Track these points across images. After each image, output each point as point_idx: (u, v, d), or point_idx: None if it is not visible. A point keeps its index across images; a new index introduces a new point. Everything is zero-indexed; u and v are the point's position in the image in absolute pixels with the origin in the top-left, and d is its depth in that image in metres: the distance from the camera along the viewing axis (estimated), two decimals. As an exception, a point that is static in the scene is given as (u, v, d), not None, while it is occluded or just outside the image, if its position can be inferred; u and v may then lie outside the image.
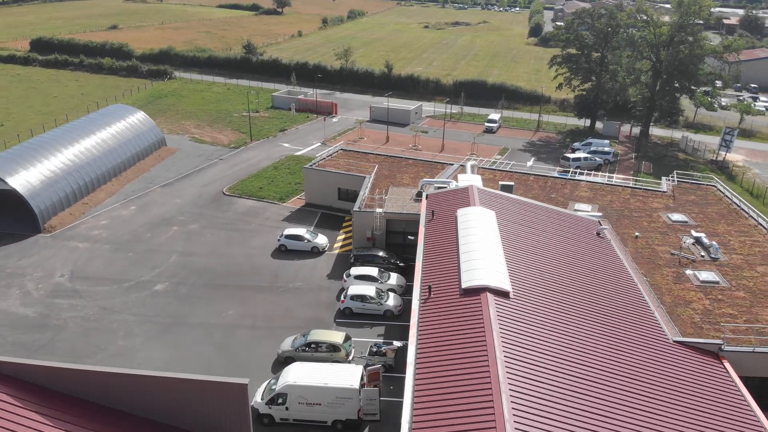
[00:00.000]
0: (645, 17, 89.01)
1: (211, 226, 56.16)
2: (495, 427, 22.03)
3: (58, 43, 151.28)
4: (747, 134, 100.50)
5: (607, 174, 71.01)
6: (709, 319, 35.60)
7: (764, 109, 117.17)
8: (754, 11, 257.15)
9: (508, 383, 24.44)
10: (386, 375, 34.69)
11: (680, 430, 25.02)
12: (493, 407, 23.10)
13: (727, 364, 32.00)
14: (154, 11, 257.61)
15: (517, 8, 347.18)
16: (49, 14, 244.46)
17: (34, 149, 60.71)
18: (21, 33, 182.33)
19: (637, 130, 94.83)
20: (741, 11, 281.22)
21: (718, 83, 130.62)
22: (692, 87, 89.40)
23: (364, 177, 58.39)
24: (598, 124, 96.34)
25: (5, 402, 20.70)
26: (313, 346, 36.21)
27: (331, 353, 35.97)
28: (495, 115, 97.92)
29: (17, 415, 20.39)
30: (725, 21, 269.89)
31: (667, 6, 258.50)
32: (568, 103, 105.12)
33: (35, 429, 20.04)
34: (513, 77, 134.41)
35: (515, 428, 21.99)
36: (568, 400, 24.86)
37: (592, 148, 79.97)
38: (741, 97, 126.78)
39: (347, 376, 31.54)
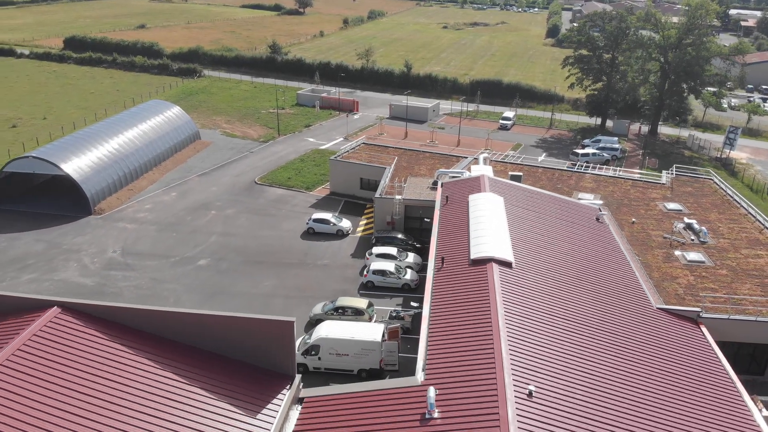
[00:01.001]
0: (654, 20, 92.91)
1: (245, 211, 61.62)
2: (494, 365, 26.84)
3: (91, 42, 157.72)
4: (754, 134, 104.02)
5: (612, 168, 75.19)
6: (691, 292, 40.12)
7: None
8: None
9: (507, 334, 29.22)
10: (404, 336, 39.67)
11: (659, 386, 29.50)
12: (493, 352, 27.87)
13: (704, 329, 36.53)
14: (179, 11, 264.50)
15: (536, 9, 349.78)
16: (78, 13, 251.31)
17: (83, 139, 66.58)
18: (52, 31, 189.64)
19: (646, 129, 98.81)
20: (759, 13, 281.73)
21: (729, 84, 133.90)
22: (698, 87, 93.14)
23: (385, 168, 63.38)
24: (609, 123, 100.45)
25: (97, 336, 25.99)
26: (340, 310, 41.34)
27: (355, 317, 41.04)
28: (509, 113, 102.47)
29: (107, 345, 25.65)
30: (743, 23, 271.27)
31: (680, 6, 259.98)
32: (580, 102, 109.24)
33: (123, 357, 25.28)
34: (529, 77, 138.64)
35: (511, 365, 26.81)
36: (559, 347, 29.64)
37: (601, 145, 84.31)
38: (751, 98, 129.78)
39: (371, 331, 36.69)
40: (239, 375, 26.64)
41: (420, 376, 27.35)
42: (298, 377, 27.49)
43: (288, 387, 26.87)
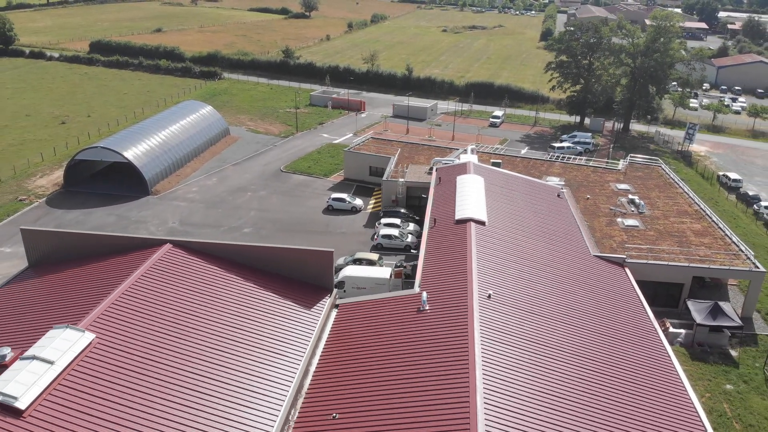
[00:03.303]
0: (625, 31, 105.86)
1: (275, 193, 74.73)
2: (467, 281, 39.78)
3: (116, 45, 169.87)
4: (717, 130, 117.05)
5: (584, 159, 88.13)
6: (622, 246, 53.18)
7: (740, 109, 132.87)
8: (756, 17, 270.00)
9: (477, 264, 42.17)
10: (405, 281, 52.65)
11: (592, 310, 42.25)
12: (467, 274, 40.79)
13: (628, 271, 49.49)
14: (191, 14, 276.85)
15: (533, 12, 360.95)
16: (95, 16, 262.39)
17: (137, 133, 79.67)
18: (75, 34, 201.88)
19: (620, 126, 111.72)
20: (747, 16, 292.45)
21: (706, 86, 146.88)
22: (665, 89, 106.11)
23: (390, 158, 76.35)
24: (587, 120, 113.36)
25: (198, 262, 38.95)
26: (357, 261, 54.35)
27: (369, 266, 54.05)
28: (499, 112, 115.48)
29: (206, 268, 38.63)
30: (730, 26, 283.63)
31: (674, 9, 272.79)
32: (563, 102, 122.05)
33: (217, 276, 38.26)
34: (520, 79, 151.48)
35: (477, 282, 39.73)
36: (515, 274, 42.64)
37: (576, 140, 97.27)
38: (722, 98, 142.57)
39: (382, 272, 49.81)
40: (296, 288, 39.69)
41: (417, 288, 40.43)
42: (335, 290, 40.56)
43: (328, 296, 39.94)
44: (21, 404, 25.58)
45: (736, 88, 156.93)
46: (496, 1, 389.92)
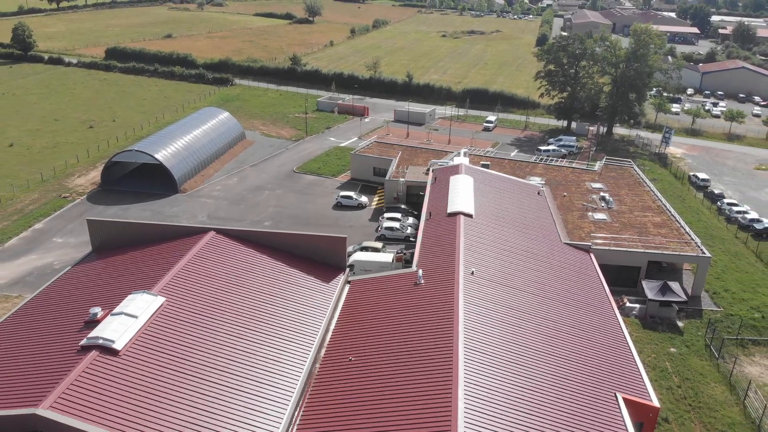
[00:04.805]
0: (608, 43, 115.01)
1: (290, 191, 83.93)
2: (455, 261, 48.82)
3: (131, 52, 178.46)
4: (695, 133, 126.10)
5: (567, 161, 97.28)
6: (589, 236, 62.27)
7: (719, 113, 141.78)
8: (746, 21, 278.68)
9: (464, 248, 51.22)
10: (405, 265, 61.65)
11: (560, 288, 51.35)
12: (454, 256, 49.82)
13: (592, 256, 58.52)
14: (198, 19, 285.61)
15: (531, 16, 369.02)
16: (105, 21, 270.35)
17: (165, 137, 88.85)
18: (88, 40, 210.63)
19: (604, 130, 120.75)
20: (746, 19, 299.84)
21: (690, 91, 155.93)
22: (644, 94, 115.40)
23: (392, 159, 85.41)
24: (573, 125, 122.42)
25: (237, 245, 48.02)
26: (364, 249, 63.48)
27: (374, 252, 63.19)
28: (492, 117, 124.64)
29: (243, 251, 47.71)
30: (721, 31, 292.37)
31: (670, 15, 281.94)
32: (552, 108, 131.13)
33: (249, 257, 47.35)
34: (515, 85, 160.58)
35: (463, 261, 48.76)
36: (495, 256, 51.71)
37: (561, 143, 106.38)
38: (704, 103, 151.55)
39: (385, 257, 59.05)
40: (316, 267, 48.76)
41: (414, 267, 49.56)
42: (347, 270, 49.66)
43: (342, 274, 49.01)
44: (117, 345, 34.61)
45: (719, 93, 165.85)
46: (495, 5, 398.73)
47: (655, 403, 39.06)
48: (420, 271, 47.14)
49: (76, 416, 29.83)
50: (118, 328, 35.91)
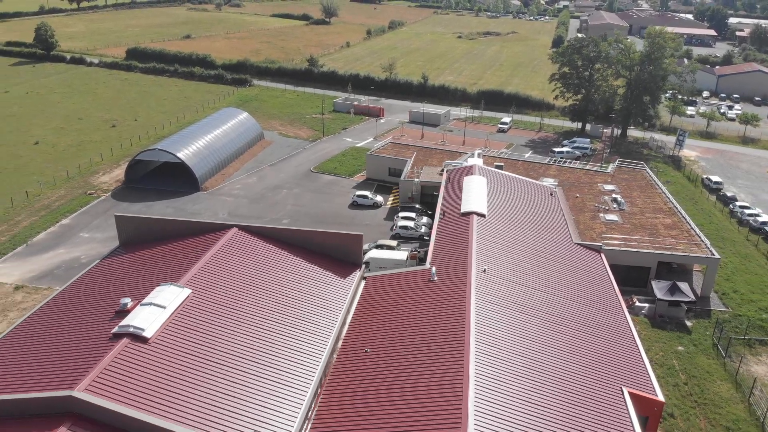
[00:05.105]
0: (622, 46, 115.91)
1: (307, 191, 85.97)
2: (467, 258, 50.46)
3: (151, 53, 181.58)
4: (709, 136, 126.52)
5: (580, 163, 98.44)
6: (600, 236, 63.58)
7: (735, 116, 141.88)
8: (764, 24, 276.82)
9: (476, 248, 52.83)
10: (419, 263, 63.36)
11: (572, 286, 52.83)
12: (467, 254, 51.46)
13: (603, 257, 59.82)
14: (216, 20, 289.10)
15: (547, 17, 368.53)
16: (125, 22, 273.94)
17: (186, 137, 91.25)
18: (108, 40, 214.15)
19: (618, 132, 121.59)
20: (763, 22, 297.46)
21: (706, 94, 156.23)
22: (658, 97, 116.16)
23: (407, 160, 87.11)
24: (588, 127, 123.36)
25: (257, 241, 50.00)
26: (379, 246, 65.27)
27: (389, 250, 64.98)
28: (507, 118, 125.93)
29: (264, 246, 49.69)
30: (738, 33, 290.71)
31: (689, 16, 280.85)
32: (566, 110, 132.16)
33: (270, 253, 49.31)
34: (530, 86, 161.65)
35: (476, 259, 50.39)
36: (507, 255, 53.25)
37: (575, 145, 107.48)
38: (719, 106, 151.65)
39: (400, 254, 60.78)
40: (333, 263, 50.62)
41: (428, 264, 51.27)
42: (363, 266, 51.46)
43: (358, 270, 50.82)
44: (147, 333, 36.65)
45: (735, 96, 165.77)
46: (511, 6, 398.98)
47: (660, 397, 40.45)
48: (433, 268, 48.83)
49: (110, 398, 31.86)
50: (148, 317, 37.95)
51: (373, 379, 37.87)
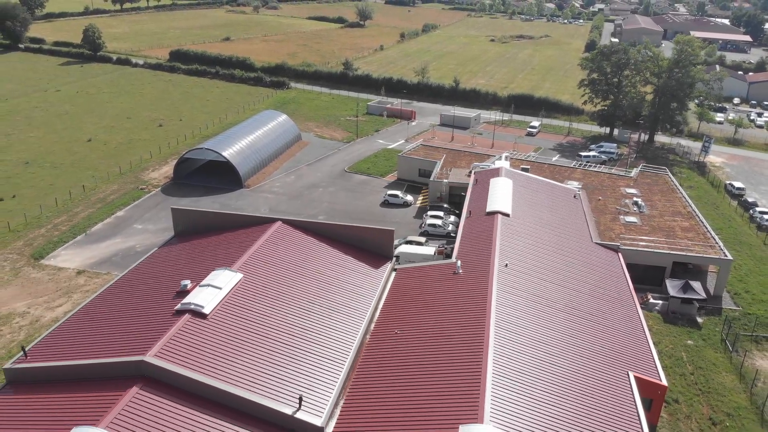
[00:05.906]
0: (650, 53, 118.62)
1: (342, 189, 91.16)
2: (491, 254, 54.83)
3: (193, 54, 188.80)
4: (737, 143, 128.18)
5: (606, 167, 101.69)
6: (619, 237, 67.31)
7: (763, 123, 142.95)
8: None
9: (500, 244, 57.17)
10: (445, 259, 67.87)
11: (591, 282, 56.85)
12: (491, 250, 55.83)
13: (620, 256, 63.59)
14: (254, 22, 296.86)
15: (581, 20, 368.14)
16: (166, 24, 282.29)
17: (230, 137, 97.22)
18: (151, 42, 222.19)
19: (645, 137, 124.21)
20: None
21: (736, 100, 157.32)
22: (686, 103, 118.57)
23: (436, 161, 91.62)
24: (615, 132, 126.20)
25: (300, 233, 55.12)
26: (409, 242, 70.01)
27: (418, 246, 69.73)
28: (536, 122, 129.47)
29: (305, 238, 54.79)
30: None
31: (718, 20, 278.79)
32: (595, 115, 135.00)
33: (310, 244, 54.38)
34: (560, 91, 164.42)
35: (498, 254, 54.72)
36: (529, 252, 57.51)
37: (602, 149, 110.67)
38: (748, 113, 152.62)
39: (428, 249, 65.46)
40: (367, 255, 55.55)
41: (453, 258, 55.85)
42: (394, 259, 56.30)
43: (389, 262, 55.65)
44: (206, 310, 42.02)
45: (765, 102, 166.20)
46: (545, 9, 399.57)
47: (664, 382, 44.40)
48: (458, 262, 53.38)
49: (176, 363, 37.21)
50: (206, 296, 43.35)
51: (401, 357, 42.67)
